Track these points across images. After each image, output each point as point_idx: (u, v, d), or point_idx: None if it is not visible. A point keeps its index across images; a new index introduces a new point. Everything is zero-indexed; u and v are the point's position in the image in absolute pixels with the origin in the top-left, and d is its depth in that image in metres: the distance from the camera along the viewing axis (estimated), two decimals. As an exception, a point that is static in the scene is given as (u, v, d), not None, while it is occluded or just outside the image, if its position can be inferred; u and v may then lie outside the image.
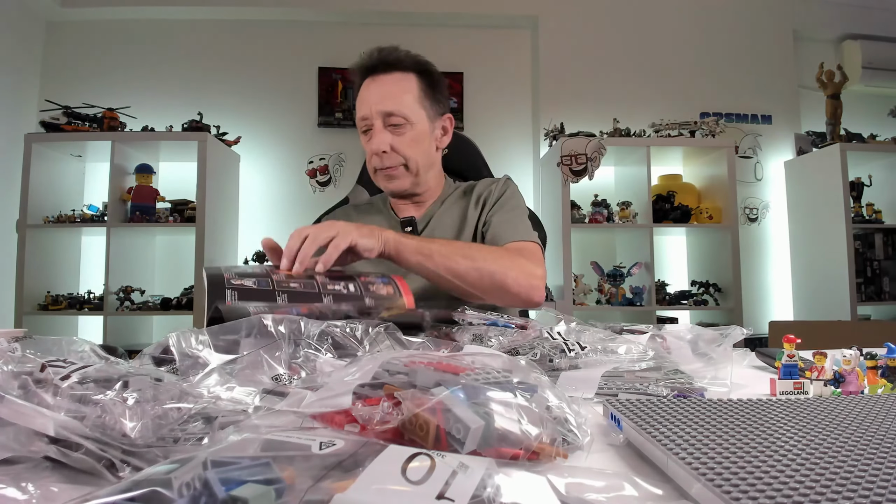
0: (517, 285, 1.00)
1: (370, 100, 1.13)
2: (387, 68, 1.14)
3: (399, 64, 1.15)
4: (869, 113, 3.54)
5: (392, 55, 1.15)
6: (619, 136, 3.10)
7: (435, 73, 1.19)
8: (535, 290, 1.03)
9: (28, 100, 3.19)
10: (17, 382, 0.39)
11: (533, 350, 0.69)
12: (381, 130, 1.12)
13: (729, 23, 3.55)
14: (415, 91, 1.14)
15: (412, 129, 1.13)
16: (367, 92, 1.14)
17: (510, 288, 1.00)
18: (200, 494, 0.26)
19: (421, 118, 1.14)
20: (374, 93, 1.13)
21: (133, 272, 2.97)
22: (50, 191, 2.92)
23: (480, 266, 0.98)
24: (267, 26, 3.43)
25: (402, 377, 0.43)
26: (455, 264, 0.97)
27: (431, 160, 1.21)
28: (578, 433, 0.41)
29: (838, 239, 3.04)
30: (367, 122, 1.14)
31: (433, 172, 1.23)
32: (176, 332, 0.55)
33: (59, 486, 0.34)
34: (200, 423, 0.39)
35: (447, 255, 0.97)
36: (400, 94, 1.12)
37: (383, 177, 1.17)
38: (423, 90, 1.16)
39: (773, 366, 0.71)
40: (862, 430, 0.41)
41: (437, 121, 1.19)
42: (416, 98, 1.14)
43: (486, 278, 0.99)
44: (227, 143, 3.14)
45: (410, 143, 1.13)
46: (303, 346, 0.58)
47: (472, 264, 0.98)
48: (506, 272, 1.00)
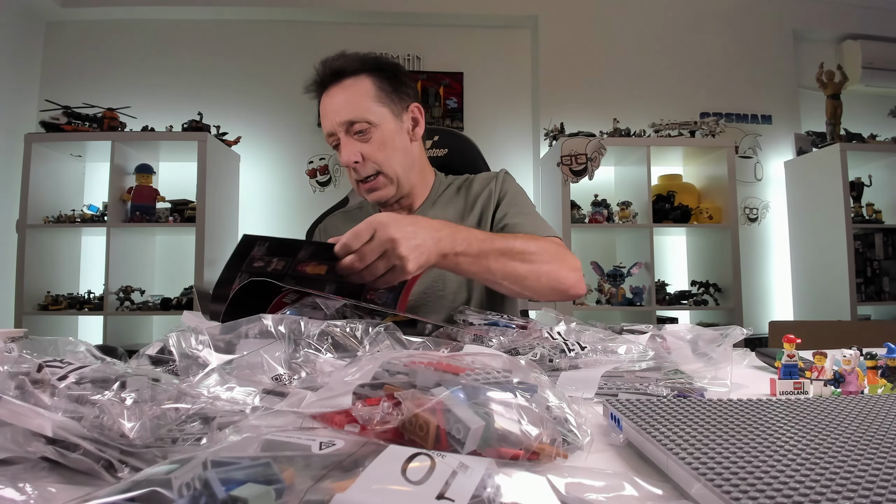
0: (569, 281, 0.99)
1: (328, 114, 1.09)
2: (335, 78, 1.10)
3: (345, 70, 1.10)
4: (869, 113, 3.54)
5: (336, 63, 1.10)
6: (619, 136, 3.10)
7: (388, 66, 1.14)
8: (581, 283, 1.02)
9: (28, 100, 3.19)
10: (14, 383, 0.39)
11: (533, 350, 0.69)
12: (348, 142, 1.08)
13: (729, 23, 3.55)
14: (370, 91, 1.09)
15: (378, 132, 1.08)
16: (324, 107, 1.10)
17: (563, 284, 0.98)
18: (200, 494, 0.26)
19: (384, 117, 1.09)
20: (330, 106, 1.09)
21: (133, 272, 2.97)
22: (50, 191, 2.92)
23: (538, 268, 0.96)
24: (267, 26, 3.43)
25: (402, 377, 0.43)
26: (514, 269, 0.94)
27: (410, 158, 1.15)
28: (578, 433, 0.41)
29: (838, 239, 3.04)
30: (333, 137, 1.10)
31: (416, 170, 1.18)
32: (176, 332, 0.55)
33: (56, 487, 0.33)
34: (198, 423, 0.39)
35: (505, 262, 0.93)
36: (355, 100, 1.08)
37: (365, 190, 1.13)
38: (380, 88, 1.10)
39: (773, 366, 0.71)
40: (862, 430, 0.40)
41: (403, 115, 1.14)
42: (373, 98, 1.09)
43: (542, 278, 0.97)
44: (227, 143, 3.13)
45: (380, 146, 1.09)
46: (303, 346, 0.58)
47: (531, 267, 0.95)
48: (559, 269, 0.98)
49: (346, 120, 1.07)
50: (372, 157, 1.09)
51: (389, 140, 1.10)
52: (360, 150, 1.08)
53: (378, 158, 1.09)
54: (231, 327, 0.61)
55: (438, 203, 1.21)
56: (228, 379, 0.50)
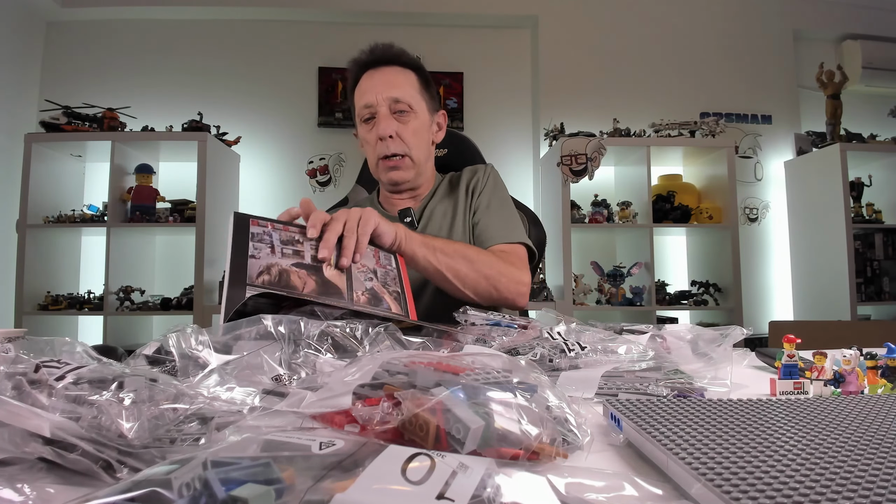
0: (507, 291, 1.05)
1: (376, 87, 1.15)
2: (388, 62, 1.18)
3: (398, 59, 1.18)
4: (869, 113, 3.54)
5: (391, 51, 1.18)
6: (619, 136, 3.10)
7: (427, 72, 1.24)
8: (522, 297, 1.08)
9: (28, 100, 3.19)
10: (12, 383, 0.39)
11: (533, 350, 0.69)
12: (387, 116, 1.14)
13: (729, 23, 3.55)
14: (416, 84, 1.18)
15: (416, 119, 1.17)
16: (371, 81, 1.16)
17: (501, 293, 1.05)
18: (200, 495, 0.26)
19: (422, 109, 1.18)
20: (381, 79, 1.16)
21: (133, 272, 2.97)
22: (50, 191, 2.92)
23: (478, 269, 1.02)
24: (267, 26, 3.43)
25: (402, 377, 0.43)
26: (456, 264, 0.99)
27: (429, 153, 1.25)
28: (578, 433, 0.41)
29: (838, 239, 3.04)
30: (371, 109, 1.15)
31: (429, 165, 1.26)
32: (175, 333, 0.55)
33: (54, 488, 0.33)
34: (197, 423, 0.39)
35: (449, 255, 0.99)
36: (406, 84, 1.16)
37: (386, 167, 1.18)
38: (422, 85, 1.20)
39: (773, 366, 0.71)
40: (862, 430, 0.40)
41: (433, 115, 1.24)
42: (417, 90, 1.18)
43: (481, 281, 1.02)
44: (227, 143, 3.14)
45: (413, 133, 1.16)
46: (303, 346, 0.58)
47: (472, 266, 1.01)
48: (499, 278, 1.04)
49: (395, 97, 1.14)
50: (405, 138, 1.16)
51: (421, 130, 1.18)
52: (395, 129, 1.15)
53: (410, 142, 1.16)
54: (231, 328, 0.60)
55: (436, 197, 1.27)
56: (228, 379, 0.50)
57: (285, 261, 0.76)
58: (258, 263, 0.74)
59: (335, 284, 0.77)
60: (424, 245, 0.97)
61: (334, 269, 0.79)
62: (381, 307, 0.78)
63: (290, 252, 0.77)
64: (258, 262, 0.74)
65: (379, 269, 0.86)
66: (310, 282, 0.75)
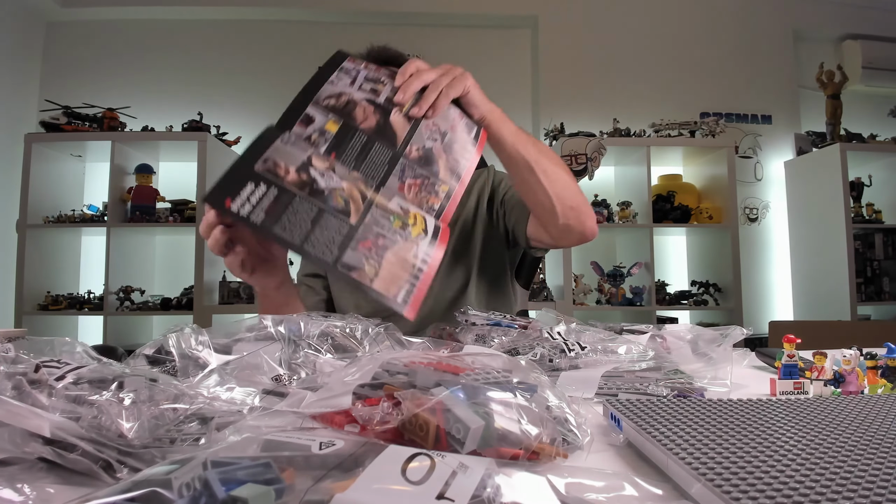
0: (589, 211, 0.96)
1: None
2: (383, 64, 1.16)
3: (394, 61, 1.16)
4: (869, 113, 3.54)
5: (386, 53, 1.16)
6: (619, 136, 3.10)
7: None
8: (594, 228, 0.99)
9: (28, 100, 3.19)
10: (12, 383, 0.39)
11: (533, 350, 0.69)
12: None
13: (729, 23, 3.55)
14: None
15: None
16: None
17: (582, 210, 0.95)
18: (200, 495, 0.26)
19: None
20: None
21: (133, 272, 2.96)
22: (50, 191, 2.92)
23: (568, 175, 0.94)
24: (267, 26, 3.43)
25: (402, 377, 0.43)
26: (547, 160, 0.91)
27: None
28: (578, 433, 0.41)
29: (838, 239, 3.04)
30: None
31: None
32: (175, 333, 0.55)
33: (54, 488, 0.33)
34: (197, 423, 0.39)
35: (541, 150, 0.92)
36: None
37: None
38: None
39: (773, 366, 0.71)
40: (862, 430, 0.40)
41: None
42: None
43: (569, 187, 0.93)
44: (227, 143, 3.13)
45: None
46: (303, 346, 0.58)
47: (562, 169, 0.94)
48: (582, 196, 0.96)
49: None
50: None
51: None
52: None
53: None
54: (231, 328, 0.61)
55: None
56: (228, 379, 0.50)
57: (359, 94, 0.76)
58: (330, 89, 0.76)
59: (394, 131, 0.75)
60: (517, 133, 0.90)
61: (403, 116, 0.76)
62: (430, 168, 0.75)
63: (367, 88, 0.77)
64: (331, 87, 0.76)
65: (451, 135, 0.80)
66: (371, 119, 0.74)
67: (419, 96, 0.78)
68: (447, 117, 0.80)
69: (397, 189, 0.72)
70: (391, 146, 0.74)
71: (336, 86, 0.77)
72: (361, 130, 0.74)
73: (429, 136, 0.77)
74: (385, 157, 0.73)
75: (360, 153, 0.73)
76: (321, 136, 0.73)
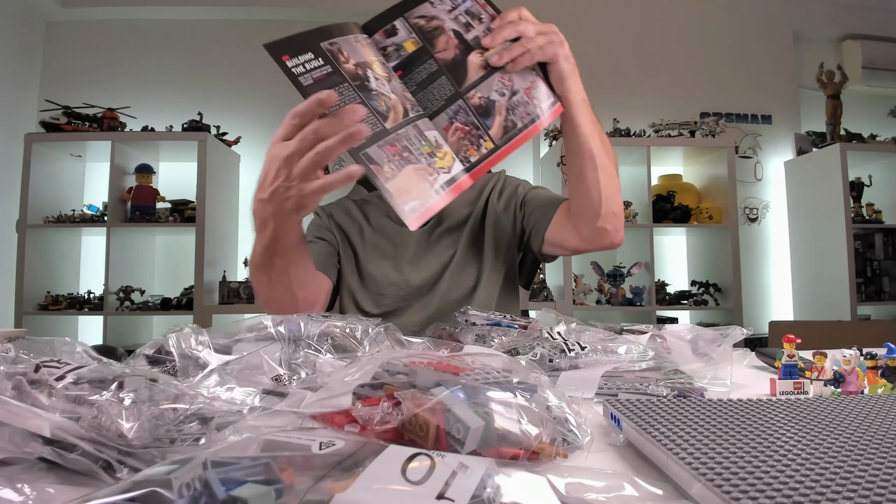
0: (622, 223, 0.96)
1: None
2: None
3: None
4: (869, 113, 3.54)
5: None
6: (619, 135, 3.10)
7: None
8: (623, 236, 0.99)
9: (28, 100, 3.19)
10: (12, 383, 0.39)
11: (533, 350, 0.69)
12: None
13: (729, 23, 3.55)
14: None
15: None
16: None
17: (620, 220, 0.95)
18: (200, 495, 0.26)
19: None
20: None
21: (133, 272, 2.96)
22: (50, 191, 2.92)
23: (618, 184, 0.94)
24: (267, 26, 3.42)
25: (402, 377, 0.43)
26: (607, 153, 0.91)
27: None
28: (578, 433, 0.41)
29: (838, 239, 3.04)
30: None
31: None
32: (175, 333, 0.55)
33: (55, 488, 0.33)
34: (197, 423, 0.39)
35: (605, 143, 0.91)
36: None
37: None
38: None
39: (773, 366, 0.71)
40: (862, 430, 0.40)
41: None
42: None
43: (617, 196, 0.94)
44: (227, 143, 3.13)
45: None
46: (303, 346, 0.58)
47: (617, 176, 0.94)
48: (622, 208, 0.98)
49: None
50: None
51: None
52: None
53: None
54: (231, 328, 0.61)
55: None
56: (228, 379, 0.50)
57: (451, 23, 0.75)
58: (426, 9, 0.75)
59: (466, 70, 0.74)
60: (593, 124, 0.88)
61: (481, 60, 0.74)
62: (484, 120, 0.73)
63: (463, 21, 0.76)
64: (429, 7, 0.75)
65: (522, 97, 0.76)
66: (450, 51, 0.74)
67: (507, 45, 0.75)
68: (525, 76, 0.77)
69: (443, 127, 0.72)
70: (456, 84, 0.73)
71: (435, 7, 0.75)
72: (435, 59, 0.73)
73: (498, 88, 0.75)
74: (445, 93, 0.73)
75: (424, 81, 0.73)
76: (396, 51, 0.74)
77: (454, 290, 1.12)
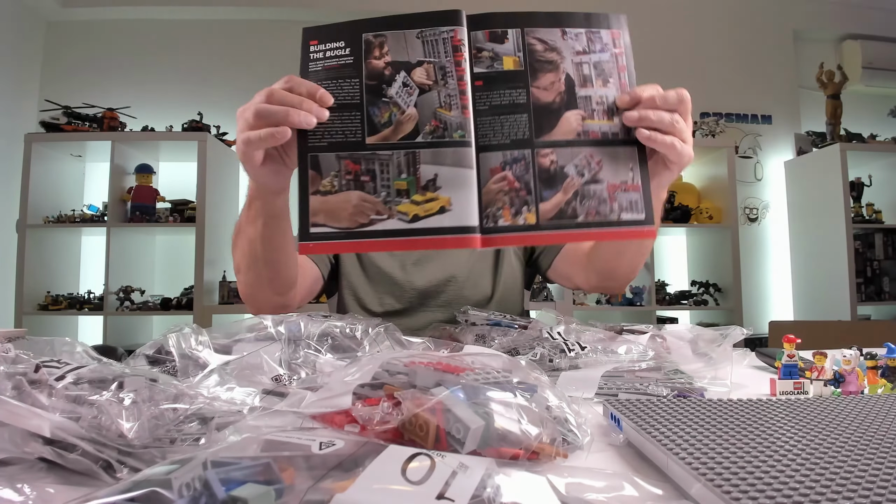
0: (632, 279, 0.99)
1: None
2: None
3: None
4: (869, 113, 3.54)
5: None
6: (619, 136, 3.10)
7: None
8: None
9: (28, 100, 3.18)
10: (12, 383, 0.39)
11: (533, 350, 0.69)
12: None
13: (729, 23, 3.55)
14: None
15: None
16: None
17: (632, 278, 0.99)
18: (200, 495, 0.26)
19: None
20: None
21: (133, 272, 2.96)
22: (50, 191, 2.92)
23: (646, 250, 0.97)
24: (267, 26, 3.43)
25: (402, 377, 0.43)
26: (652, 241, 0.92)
27: None
28: (578, 433, 0.41)
29: (838, 239, 3.04)
30: None
31: None
32: (175, 333, 0.55)
33: (55, 488, 0.33)
34: (197, 423, 0.39)
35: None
36: None
37: None
38: None
39: (773, 366, 0.71)
40: (862, 430, 0.40)
41: None
42: None
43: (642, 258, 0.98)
44: (227, 143, 3.13)
45: None
46: (303, 346, 0.58)
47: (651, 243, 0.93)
48: None
49: None
50: None
51: None
52: None
53: None
54: (231, 328, 0.61)
55: None
56: (228, 379, 0.50)
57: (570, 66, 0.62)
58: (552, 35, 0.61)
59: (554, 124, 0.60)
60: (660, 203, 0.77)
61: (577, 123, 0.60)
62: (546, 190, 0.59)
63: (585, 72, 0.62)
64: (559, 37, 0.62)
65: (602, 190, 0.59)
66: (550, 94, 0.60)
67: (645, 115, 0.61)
68: (619, 170, 0.61)
69: (490, 167, 0.58)
70: (536, 131, 0.60)
71: (564, 40, 0.62)
72: (528, 91, 0.60)
73: (579, 164, 0.60)
74: (518, 133, 0.59)
75: (502, 107, 0.60)
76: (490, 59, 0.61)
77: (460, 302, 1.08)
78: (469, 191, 0.58)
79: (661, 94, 0.62)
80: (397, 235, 0.57)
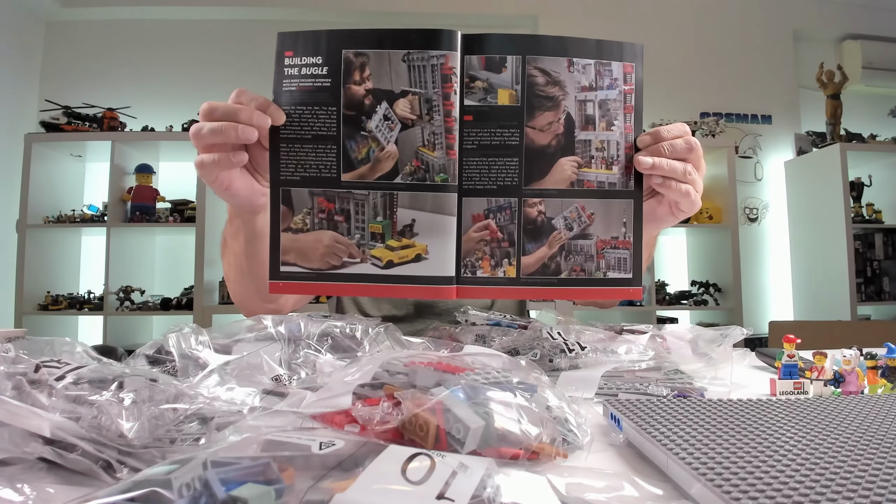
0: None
1: None
2: None
3: None
4: (869, 113, 3.54)
5: None
6: (619, 136, 3.10)
7: None
8: None
9: (28, 100, 3.19)
10: (12, 383, 0.39)
11: (533, 350, 0.69)
12: None
13: (729, 23, 3.55)
14: None
15: None
16: None
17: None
18: (200, 495, 0.26)
19: None
20: None
21: (133, 272, 2.97)
22: (50, 191, 2.92)
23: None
24: (267, 26, 3.42)
25: (402, 377, 0.43)
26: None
27: None
28: (578, 433, 0.41)
29: (838, 239, 3.04)
30: None
31: None
32: (175, 333, 0.55)
33: (55, 488, 0.33)
34: (196, 423, 0.39)
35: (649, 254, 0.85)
36: None
37: None
38: None
39: (773, 366, 0.71)
40: (862, 430, 0.40)
41: None
42: None
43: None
44: (227, 143, 3.14)
45: None
46: (303, 346, 0.58)
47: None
48: None
49: None
50: None
51: None
52: None
53: None
54: (231, 328, 0.61)
55: None
56: (228, 379, 0.50)
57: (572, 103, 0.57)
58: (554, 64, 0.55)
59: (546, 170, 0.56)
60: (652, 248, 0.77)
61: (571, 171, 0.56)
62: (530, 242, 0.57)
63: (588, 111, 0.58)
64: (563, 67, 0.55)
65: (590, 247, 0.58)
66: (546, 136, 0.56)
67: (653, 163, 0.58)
68: (611, 224, 0.58)
69: (473, 213, 0.55)
70: (525, 178, 0.56)
71: (570, 73, 0.56)
72: (522, 133, 0.56)
73: (568, 216, 0.57)
74: (506, 179, 0.55)
75: (492, 148, 0.54)
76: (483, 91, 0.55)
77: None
78: (448, 239, 0.55)
79: (671, 143, 0.61)
80: (370, 281, 0.55)
